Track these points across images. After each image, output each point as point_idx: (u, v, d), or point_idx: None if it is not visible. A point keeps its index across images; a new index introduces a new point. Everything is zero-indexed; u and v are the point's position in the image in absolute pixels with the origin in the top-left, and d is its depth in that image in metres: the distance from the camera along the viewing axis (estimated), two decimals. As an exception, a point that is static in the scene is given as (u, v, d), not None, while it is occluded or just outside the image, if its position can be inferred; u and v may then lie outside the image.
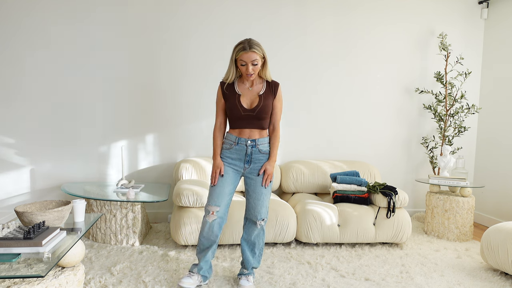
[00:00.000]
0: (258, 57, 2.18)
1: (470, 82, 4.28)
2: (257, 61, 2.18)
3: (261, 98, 2.28)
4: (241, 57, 2.17)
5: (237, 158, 2.31)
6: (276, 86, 2.34)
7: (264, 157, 2.33)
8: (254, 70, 2.21)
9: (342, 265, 2.80)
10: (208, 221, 2.32)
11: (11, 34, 3.60)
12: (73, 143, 3.76)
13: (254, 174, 2.33)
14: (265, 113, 2.29)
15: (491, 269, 2.80)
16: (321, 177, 3.75)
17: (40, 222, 1.75)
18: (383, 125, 4.22)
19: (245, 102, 2.28)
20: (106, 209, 3.13)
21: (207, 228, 2.33)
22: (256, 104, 2.27)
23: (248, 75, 2.22)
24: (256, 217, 2.34)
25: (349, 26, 4.06)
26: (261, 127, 2.32)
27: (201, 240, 2.38)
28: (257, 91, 2.31)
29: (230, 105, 2.29)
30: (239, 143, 2.29)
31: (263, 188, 2.32)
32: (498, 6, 4.10)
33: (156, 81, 3.82)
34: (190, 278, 2.32)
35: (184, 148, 3.92)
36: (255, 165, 2.32)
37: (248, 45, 2.16)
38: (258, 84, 2.32)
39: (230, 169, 2.32)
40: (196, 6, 3.81)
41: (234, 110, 2.27)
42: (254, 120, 2.28)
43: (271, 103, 2.32)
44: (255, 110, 2.26)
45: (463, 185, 3.51)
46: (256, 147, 2.30)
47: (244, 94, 2.29)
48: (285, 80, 3.98)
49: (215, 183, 2.31)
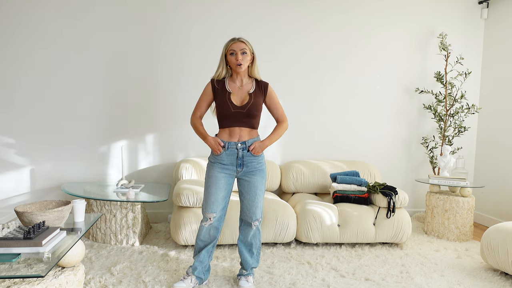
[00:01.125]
0: (247, 48, 2.24)
1: (470, 82, 4.28)
2: (246, 50, 2.24)
3: (252, 96, 2.29)
4: (230, 47, 2.24)
5: (229, 162, 2.29)
6: (265, 85, 2.38)
7: (256, 159, 2.31)
8: (244, 59, 2.24)
9: (342, 265, 2.80)
10: (205, 226, 2.35)
11: (10, 33, 3.60)
12: (73, 143, 3.76)
13: (248, 176, 2.32)
14: (255, 111, 2.28)
15: (491, 269, 2.80)
16: (321, 177, 3.75)
17: (40, 222, 1.75)
18: (383, 125, 4.22)
19: (235, 99, 2.28)
20: (106, 209, 3.13)
21: (204, 232, 2.36)
22: (247, 101, 2.28)
23: (237, 66, 2.24)
24: (251, 218, 2.34)
25: (349, 26, 4.06)
26: (251, 126, 2.30)
27: (198, 243, 2.40)
28: (247, 90, 2.32)
29: (220, 102, 2.28)
30: (230, 147, 2.28)
31: (257, 189, 2.31)
32: (498, 6, 4.10)
33: (156, 81, 3.82)
34: (182, 282, 2.33)
35: (184, 148, 3.92)
36: (247, 168, 2.30)
37: (237, 37, 2.28)
38: (248, 83, 2.34)
39: (223, 174, 2.30)
40: (196, 6, 3.81)
41: (224, 107, 2.26)
42: (244, 118, 2.27)
43: (261, 102, 2.34)
44: (246, 107, 2.26)
45: (463, 185, 3.51)
46: (247, 148, 2.29)
47: (234, 92, 2.30)
48: (285, 81, 3.98)
49: (221, 151, 2.27)
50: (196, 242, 2.41)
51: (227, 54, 2.28)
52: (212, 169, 2.31)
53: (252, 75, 2.35)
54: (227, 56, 2.28)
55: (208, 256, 2.41)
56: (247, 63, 2.28)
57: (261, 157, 2.35)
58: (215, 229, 2.36)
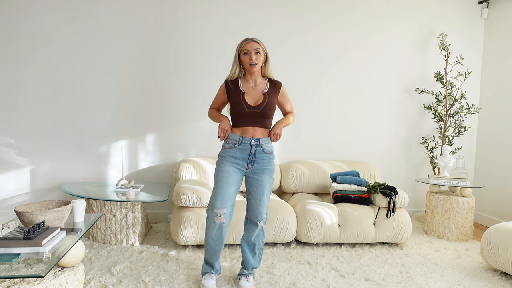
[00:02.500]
0: (260, 48, 2.26)
1: (470, 82, 4.28)
2: (260, 50, 2.25)
3: (266, 96, 2.30)
4: (244, 47, 2.26)
5: (240, 157, 2.29)
6: (279, 85, 2.40)
7: (268, 157, 2.33)
8: (257, 59, 2.25)
9: (342, 265, 2.80)
10: (217, 223, 2.27)
11: (11, 34, 3.60)
12: (73, 143, 3.76)
13: (257, 174, 2.32)
14: (270, 110, 2.30)
15: (491, 269, 2.80)
16: (321, 177, 3.75)
17: (40, 222, 1.75)
18: (383, 125, 4.22)
19: (249, 99, 2.29)
20: (106, 209, 3.13)
21: (216, 230, 2.29)
22: (261, 101, 2.29)
23: (251, 65, 2.25)
24: (257, 217, 2.34)
25: (349, 26, 4.06)
26: (264, 126, 2.31)
27: (210, 242, 2.33)
28: (261, 90, 2.33)
29: (234, 102, 2.29)
30: (243, 142, 2.28)
31: (265, 189, 2.32)
32: (498, 6, 4.10)
33: (156, 81, 3.82)
34: (211, 280, 2.36)
35: (184, 148, 3.92)
36: (258, 165, 2.31)
37: (250, 37, 2.29)
38: (261, 83, 2.36)
39: (234, 168, 2.30)
40: (198, 6, 3.81)
41: (238, 107, 2.27)
42: (258, 118, 2.28)
43: (275, 102, 2.37)
44: (260, 107, 2.27)
45: (463, 185, 3.51)
46: (260, 146, 2.29)
47: (248, 92, 2.31)
48: (285, 81, 3.98)
49: (224, 137, 2.29)
50: (207, 241, 2.35)
51: (240, 54, 2.29)
52: (223, 163, 2.30)
53: (265, 74, 2.37)
54: (241, 56, 2.29)
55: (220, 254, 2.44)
56: (261, 62, 2.29)
57: (271, 157, 2.35)
58: (226, 227, 2.30)
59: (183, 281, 2.46)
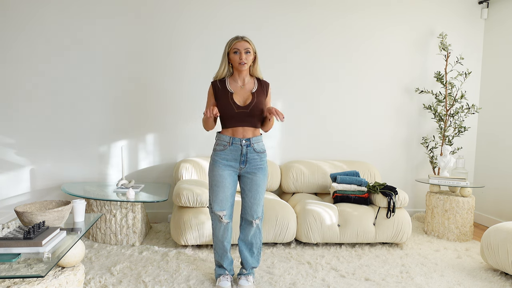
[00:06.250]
0: (250, 47, 2.26)
1: (470, 82, 4.28)
2: (250, 49, 2.26)
3: (254, 95, 2.29)
4: (234, 46, 2.25)
5: (232, 158, 2.29)
6: (267, 85, 2.39)
7: (259, 156, 2.32)
8: (247, 59, 2.25)
9: (342, 265, 2.80)
10: (223, 224, 2.34)
11: (11, 34, 3.60)
12: (73, 143, 3.76)
13: (250, 174, 2.32)
14: (258, 110, 2.28)
15: (491, 269, 2.80)
16: (321, 177, 3.75)
17: (40, 222, 1.75)
18: (383, 125, 4.22)
19: (238, 99, 2.27)
20: (106, 209, 3.13)
21: (222, 231, 2.36)
22: (250, 101, 2.27)
23: (241, 64, 2.24)
24: (252, 216, 2.35)
25: (349, 26, 4.06)
26: (254, 125, 2.30)
27: (217, 243, 2.40)
28: (249, 89, 2.32)
29: (223, 104, 2.27)
30: (234, 143, 2.27)
31: (259, 187, 2.32)
32: (498, 6, 4.10)
33: (156, 81, 3.82)
34: (227, 281, 2.36)
35: (184, 148, 3.91)
36: (250, 165, 2.30)
37: (240, 36, 2.29)
38: (249, 82, 2.34)
39: (228, 172, 2.30)
40: (197, 8, 3.81)
41: (227, 108, 2.25)
42: (248, 118, 2.27)
43: (264, 101, 2.35)
44: (249, 107, 2.26)
45: (463, 185, 3.51)
46: (251, 146, 2.28)
47: (236, 92, 2.29)
48: (285, 81, 3.98)
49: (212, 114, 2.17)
50: (215, 242, 2.41)
51: (230, 52, 2.27)
52: (215, 167, 2.30)
53: (254, 74, 2.36)
54: (230, 54, 2.28)
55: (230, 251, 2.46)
56: (250, 62, 2.29)
57: (263, 156, 2.35)
58: (230, 228, 2.39)
59: (183, 281, 2.46)
